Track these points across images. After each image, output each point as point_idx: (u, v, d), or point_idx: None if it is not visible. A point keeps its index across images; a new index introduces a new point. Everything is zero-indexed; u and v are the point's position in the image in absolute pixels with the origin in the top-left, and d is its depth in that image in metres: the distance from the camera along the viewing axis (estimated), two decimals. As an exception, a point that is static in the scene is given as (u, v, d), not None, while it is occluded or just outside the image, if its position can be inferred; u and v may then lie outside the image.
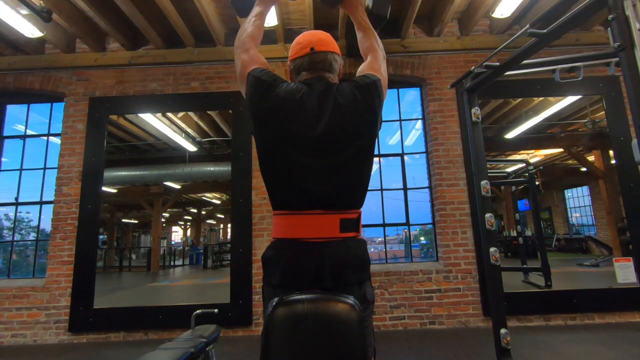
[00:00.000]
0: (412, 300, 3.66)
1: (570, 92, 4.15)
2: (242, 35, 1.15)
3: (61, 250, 3.77)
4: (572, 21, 1.48)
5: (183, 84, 4.12)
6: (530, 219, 10.21)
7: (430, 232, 4.27)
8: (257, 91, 1.04)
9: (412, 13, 3.65)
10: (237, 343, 3.37)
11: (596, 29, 4.20)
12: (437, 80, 4.10)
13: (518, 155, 9.58)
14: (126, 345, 3.46)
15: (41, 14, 2.99)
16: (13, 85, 4.15)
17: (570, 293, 3.64)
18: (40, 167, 4.19)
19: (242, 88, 1.10)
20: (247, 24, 1.18)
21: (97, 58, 4.13)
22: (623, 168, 3.73)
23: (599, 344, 3.01)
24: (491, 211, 2.11)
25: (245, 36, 1.15)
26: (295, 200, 0.98)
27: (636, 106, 1.14)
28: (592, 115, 6.59)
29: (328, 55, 1.09)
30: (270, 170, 1.02)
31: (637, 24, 1.15)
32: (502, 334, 1.93)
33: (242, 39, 1.14)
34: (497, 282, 2.01)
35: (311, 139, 0.98)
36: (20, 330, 3.62)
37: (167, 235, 19.60)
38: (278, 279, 0.95)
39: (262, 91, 1.03)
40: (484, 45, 4.08)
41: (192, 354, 1.71)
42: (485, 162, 2.15)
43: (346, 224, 0.99)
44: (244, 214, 3.81)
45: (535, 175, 5.31)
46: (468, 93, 2.20)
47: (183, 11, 3.69)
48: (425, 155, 4.23)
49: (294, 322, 0.79)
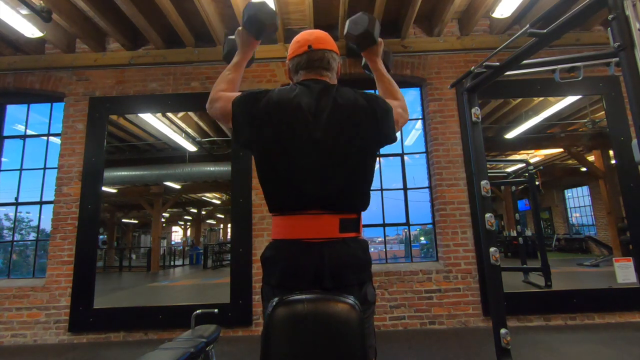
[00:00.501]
0: (412, 300, 3.66)
1: (570, 92, 4.15)
2: (213, 93, 1.12)
3: (61, 250, 3.77)
4: (572, 21, 1.48)
5: (183, 84, 4.12)
6: (530, 219, 10.22)
7: (430, 232, 4.27)
8: (247, 104, 1.03)
9: (412, 13, 3.65)
10: (237, 343, 3.37)
11: (596, 29, 4.20)
12: (437, 80, 4.10)
13: (518, 155, 9.58)
14: (126, 345, 3.46)
15: (41, 14, 2.99)
16: (13, 85, 4.15)
17: (570, 293, 3.64)
18: (40, 167, 4.19)
19: (228, 125, 1.07)
20: (219, 81, 1.15)
21: (97, 58, 4.13)
22: (623, 168, 3.73)
23: (599, 344, 3.01)
24: (491, 211, 2.10)
25: (215, 93, 1.12)
26: (294, 201, 0.97)
27: (636, 106, 1.14)
28: (592, 115, 6.59)
29: (326, 53, 1.09)
30: (268, 172, 1.00)
31: (637, 24, 1.14)
32: (502, 334, 1.93)
33: (212, 96, 1.12)
34: (497, 282, 2.01)
35: (309, 137, 0.97)
36: (20, 330, 3.62)
37: (167, 235, 19.61)
38: (277, 279, 0.95)
39: (252, 101, 1.03)
40: (484, 45, 4.08)
41: (192, 354, 1.71)
42: (485, 162, 2.15)
43: (346, 224, 0.98)
44: (244, 214, 3.81)
45: (535, 175, 5.31)
46: (468, 93, 2.20)
47: (183, 11, 3.69)
48: (425, 155, 4.23)
49: (294, 322, 0.79)
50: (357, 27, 1.18)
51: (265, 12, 1.13)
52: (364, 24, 1.18)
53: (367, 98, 1.06)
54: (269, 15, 1.14)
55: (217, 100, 1.10)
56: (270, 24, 1.15)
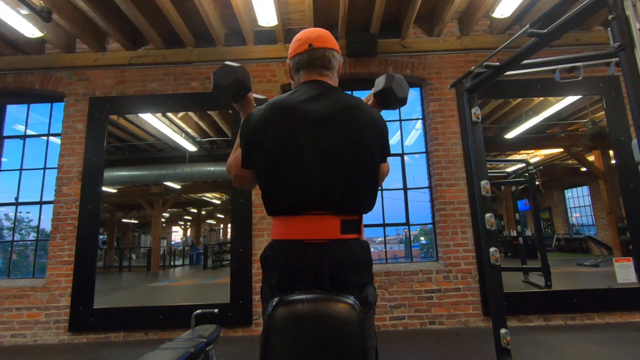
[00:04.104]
0: (412, 300, 3.66)
1: (570, 92, 4.15)
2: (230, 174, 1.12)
3: (61, 250, 3.77)
4: (572, 21, 1.48)
5: (183, 84, 4.12)
6: (530, 219, 10.21)
7: (430, 232, 4.27)
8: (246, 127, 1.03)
9: (412, 13, 3.65)
10: (237, 343, 3.37)
11: (596, 29, 4.20)
12: (437, 80, 4.10)
13: (518, 155, 9.58)
14: (126, 345, 3.46)
15: (41, 14, 2.99)
16: (13, 85, 4.15)
17: (570, 293, 3.64)
18: (40, 167, 4.19)
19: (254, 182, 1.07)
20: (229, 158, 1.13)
21: (97, 58, 4.13)
22: (623, 168, 3.73)
23: (599, 344, 3.01)
24: (491, 211, 2.10)
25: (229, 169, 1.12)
26: (295, 202, 0.96)
27: (636, 106, 1.14)
28: (592, 115, 6.59)
29: (327, 51, 1.08)
30: (270, 174, 0.99)
31: (637, 24, 1.14)
32: (502, 334, 1.93)
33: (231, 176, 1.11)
34: (497, 282, 2.01)
35: (310, 137, 0.97)
36: (20, 330, 3.62)
37: (167, 235, 19.60)
38: (277, 280, 0.94)
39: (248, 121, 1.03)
40: (484, 45, 4.08)
41: (192, 354, 1.71)
42: (485, 162, 2.15)
43: (347, 226, 0.98)
44: (244, 214, 3.81)
45: (535, 175, 5.30)
46: (468, 93, 2.20)
47: (183, 11, 3.69)
48: (425, 155, 4.23)
49: (294, 322, 0.79)
50: (402, 91, 1.19)
51: (223, 76, 1.09)
52: (407, 93, 1.20)
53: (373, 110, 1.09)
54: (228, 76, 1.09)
55: (232, 175, 1.10)
56: (233, 84, 1.09)
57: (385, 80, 1.18)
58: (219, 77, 1.10)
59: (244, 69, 1.12)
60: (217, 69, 1.11)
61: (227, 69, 1.10)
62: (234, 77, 1.09)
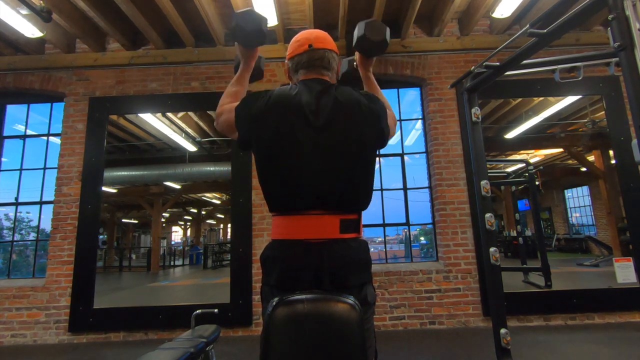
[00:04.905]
0: (412, 300, 3.66)
1: (570, 92, 4.15)
2: (218, 108, 1.13)
3: (61, 250, 3.77)
4: (572, 21, 1.48)
5: (183, 84, 4.12)
6: (530, 219, 10.20)
7: (430, 232, 4.27)
8: (248, 105, 1.05)
9: (412, 13, 3.65)
10: (237, 343, 3.37)
11: (596, 29, 4.20)
12: (437, 80, 4.10)
13: (518, 155, 9.58)
14: (126, 345, 3.46)
15: (41, 14, 2.98)
16: (13, 85, 4.15)
17: (570, 293, 3.64)
18: (40, 167, 4.19)
19: (235, 135, 1.07)
20: (224, 96, 1.15)
21: (97, 58, 4.13)
22: (623, 168, 3.73)
23: (599, 344, 3.00)
24: (491, 211, 2.10)
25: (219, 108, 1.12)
26: (294, 201, 0.97)
27: (636, 106, 1.14)
28: (592, 115, 6.59)
29: (326, 52, 1.09)
30: (268, 172, 1.00)
31: (637, 24, 1.14)
32: (502, 334, 1.93)
33: (217, 111, 1.12)
34: (497, 282, 2.01)
35: (309, 137, 0.97)
36: (20, 330, 3.62)
37: (167, 235, 19.60)
38: (276, 280, 0.94)
39: (253, 101, 1.04)
40: (484, 45, 4.08)
41: (192, 354, 1.71)
42: (485, 162, 2.15)
43: (347, 225, 0.98)
44: (244, 214, 3.81)
45: (535, 175, 5.31)
46: (468, 93, 2.20)
47: (183, 11, 3.69)
48: (425, 155, 4.23)
49: (293, 322, 0.79)
50: (377, 33, 1.16)
51: (248, 20, 1.09)
52: (383, 33, 1.16)
53: (368, 97, 1.07)
54: (253, 23, 1.09)
55: (221, 113, 1.11)
56: (255, 31, 1.10)
57: (357, 30, 1.17)
58: (244, 21, 1.09)
59: (267, 21, 1.13)
60: (242, 12, 1.10)
61: (254, 16, 1.10)
62: (259, 25, 1.10)
